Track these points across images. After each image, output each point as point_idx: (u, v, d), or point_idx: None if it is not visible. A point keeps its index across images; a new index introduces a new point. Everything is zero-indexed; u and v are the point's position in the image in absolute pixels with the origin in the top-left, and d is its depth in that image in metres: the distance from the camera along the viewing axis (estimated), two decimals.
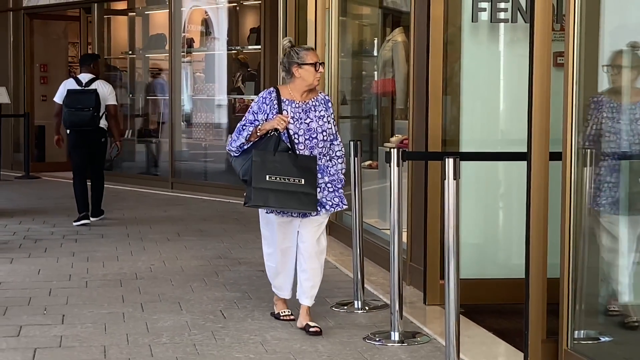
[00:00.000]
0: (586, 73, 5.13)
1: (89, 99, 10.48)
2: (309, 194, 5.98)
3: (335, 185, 6.17)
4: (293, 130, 6.08)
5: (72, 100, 10.49)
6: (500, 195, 7.35)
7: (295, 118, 6.09)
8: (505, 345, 5.95)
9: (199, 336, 6.07)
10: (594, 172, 5.22)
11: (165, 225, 10.81)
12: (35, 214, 11.56)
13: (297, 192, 5.95)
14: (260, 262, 8.37)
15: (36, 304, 6.94)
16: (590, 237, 5.24)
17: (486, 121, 7.27)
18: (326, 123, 6.17)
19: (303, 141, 6.09)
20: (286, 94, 6.17)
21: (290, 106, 6.12)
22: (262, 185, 5.95)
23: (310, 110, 6.15)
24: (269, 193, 5.95)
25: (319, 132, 6.12)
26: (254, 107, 6.18)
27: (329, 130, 6.17)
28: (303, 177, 5.96)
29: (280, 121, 5.99)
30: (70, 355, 5.65)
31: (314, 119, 6.13)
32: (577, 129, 5.10)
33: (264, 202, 6.00)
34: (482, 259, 7.16)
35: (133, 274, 8.01)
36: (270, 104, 6.12)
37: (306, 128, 6.10)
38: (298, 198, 5.95)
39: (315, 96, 6.22)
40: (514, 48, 7.10)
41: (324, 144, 6.15)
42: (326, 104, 6.23)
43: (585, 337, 5.24)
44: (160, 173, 15.14)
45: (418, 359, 5.60)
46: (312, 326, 6.07)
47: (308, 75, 6.11)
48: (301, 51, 6.16)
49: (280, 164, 5.97)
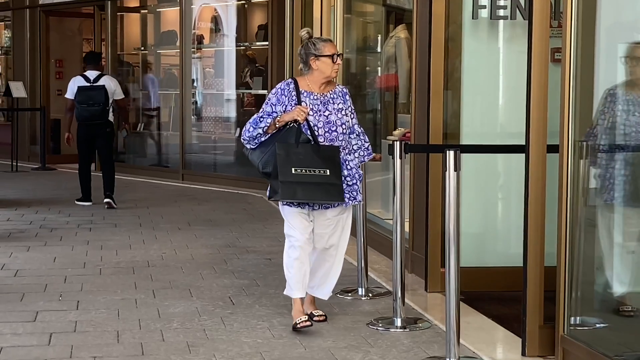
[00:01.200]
0: (582, 68, 5.12)
1: (99, 95, 10.98)
2: (335, 184, 5.76)
3: (353, 178, 5.91)
4: (312, 122, 5.82)
5: (84, 97, 10.96)
6: (499, 186, 7.34)
7: (314, 110, 5.85)
8: (503, 331, 5.95)
9: (209, 322, 6.08)
10: (608, 165, 5.16)
11: (176, 215, 10.82)
12: (51, 204, 11.58)
13: (323, 183, 5.73)
14: (268, 250, 8.39)
15: (52, 290, 6.95)
16: (586, 227, 5.24)
17: (486, 115, 7.26)
18: (344, 116, 5.93)
19: (323, 133, 5.84)
20: (304, 85, 5.92)
21: (309, 98, 5.87)
22: (289, 179, 5.70)
23: (329, 103, 5.91)
24: (297, 186, 5.71)
25: (338, 124, 5.88)
26: (272, 98, 5.90)
27: (347, 123, 5.93)
28: (328, 167, 5.74)
29: (300, 112, 5.75)
30: (85, 339, 5.67)
31: (333, 111, 5.89)
32: (573, 123, 5.09)
33: (292, 196, 5.74)
34: (481, 248, 7.16)
35: (145, 262, 8.02)
36: (288, 95, 5.87)
37: (325, 120, 5.86)
38: (325, 189, 5.73)
39: (333, 88, 5.98)
40: (513, 44, 7.09)
41: (343, 136, 5.90)
42: (344, 97, 5.99)
43: (581, 324, 5.24)
44: (170, 165, 15.14)
45: (419, 344, 5.60)
46: (317, 315, 6.02)
47: (325, 67, 5.87)
48: (319, 42, 5.92)
49: (304, 155, 5.73)
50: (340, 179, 5.78)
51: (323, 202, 5.82)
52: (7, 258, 8.15)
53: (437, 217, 6.88)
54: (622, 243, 5.25)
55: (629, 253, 5.26)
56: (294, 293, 5.89)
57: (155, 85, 15.57)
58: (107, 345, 5.55)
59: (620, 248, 5.25)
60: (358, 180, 5.93)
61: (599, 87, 5.30)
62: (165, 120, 15.84)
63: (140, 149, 16.10)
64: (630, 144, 5.19)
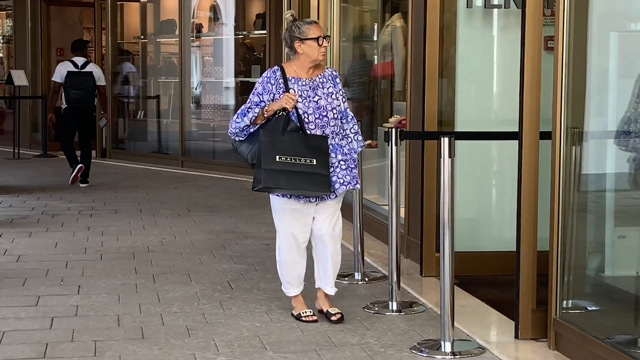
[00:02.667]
0: (575, 56, 5.12)
1: (87, 80, 11.82)
2: (322, 175, 5.42)
3: (348, 164, 5.57)
4: (302, 109, 5.50)
5: (73, 82, 11.75)
6: (493, 172, 7.36)
7: (303, 96, 5.52)
8: (497, 314, 5.96)
9: (208, 306, 6.09)
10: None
11: (175, 201, 10.83)
12: (52, 191, 11.58)
13: (309, 172, 5.38)
14: (266, 236, 8.40)
15: (53, 275, 6.96)
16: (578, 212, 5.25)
17: (480, 102, 7.27)
18: (335, 100, 5.59)
19: (313, 120, 5.51)
20: (291, 71, 5.58)
21: (297, 84, 5.54)
22: (272, 167, 5.37)
23: (318, 88, 5.56)
24: (280, 175, 5.37)
25: (328, 109, 5.55)
26: (258, 87, 5.57)
27: (338, 107, 5.60)
28: (315, 157, 5.41)
29: (288, 100, 5.43)
30: (86, 323, 5.68)
31: (323, 96, 5.55)
32: (566, 110, 5.10)
33: (274, 184, 5.40)
34: (475, 233, 7.17)
35: (145, 247, 8.03)
36: (275, 83, 5.54)
37: (315, 106, 5.52)
38: (311, 179, 5.39)
39: (321, 72, 5.63)
40: (507, 33, 7.09)
41: (335, 122, 5.57)
42: (334, 80, 5.64)
43: (573, 307, 5.25)
44: (170, 152, 15.14)
45: (414, 327, 5.61)
46: (333, 314, 5.67)
47: (311, 51, 5.50)
48: (303, 25, 5.53)
49: (290, 143, 5.40)
50: (327, 169, 5.46)
51: (309, 194, 5.49)
52: (9, 244, 8.16)
53: (432, 202, 6.89)
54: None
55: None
56: (288, 292, 5.75)
57: (133, 72, 15.59)
58: (107, 329, 5.56)
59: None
60: (354, 164, 5.63)
61: (591, 75, 5.30)
62: (164, 108, 15.83)
63: (140, 136, 16.11)
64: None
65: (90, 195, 11.18)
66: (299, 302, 5.73)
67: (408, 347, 5.21)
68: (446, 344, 5.13)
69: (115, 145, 15.94)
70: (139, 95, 16.26)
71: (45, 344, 5.25)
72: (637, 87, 5.00)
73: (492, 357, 5.06)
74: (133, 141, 16.18)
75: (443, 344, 5.14)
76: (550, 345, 5.16)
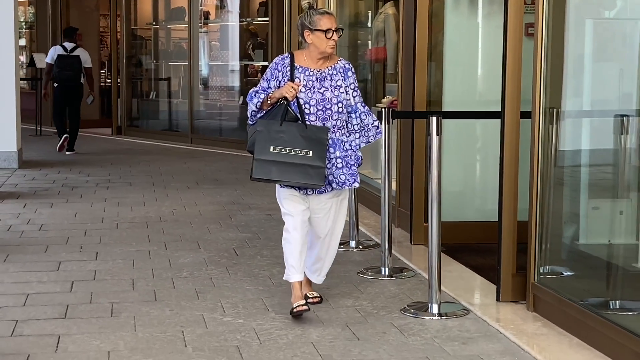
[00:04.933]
0: (553, 42, 5.11)
1: (75, 62, 12.56)
2: (316, 167, 4.89)
3: (347, 160, 5.03)
4: (304, 100, 4.98)
5: (63, 63, 12.51)
6: (477, 149, 7.35)
7: (308, 87, 4.99)
8: (480, 279, 5.98)
9: (215, 271, 6.10)
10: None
11: (185, 175, 10.82)
12: (71, 165, 11.57)
13: (303, 164, 4.87)
14: (268, 207, 8.40)
15: (73, 242, 6.97)
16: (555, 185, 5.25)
17: (466, 84, 7.26)
18: (343, 94, 5.02)
19: (315, 112, 4.98)
20: (301, 60, 5.07)
21: (304, 74, 5.02)
22: (265, 157, 4.90)
23: (326, 79, 5.02)
24: (272, 165, 4.89)
25: (333, 102, 4.99)
26: (267, 73, 5.09)
27: (346, 101, 5.04)
28: (311, 148, 4.89)
29: (289, 89, 4.90)
30: (103, 287, 5.69)
31: (329, 88, 5.00)
32: (544, 91, 5.09)
33: (265, 175, 4.93)
34: (461, 204, 7.18)
35: (157, 217, 8.03)
36: (283, 70, 5.04)
37: (320, 98, 4.98)
38: (304, 171, 4.88)
39: (333, 64, 5.08)
40: (491, 20, 7.07)
41: (339, 115, 5.01)
42: (345, 73, 5.07)
43: (550, 272, 5.27)
44: (180, 129, 15.12)
45: (404, 291, 5.63)
46: (311, 297, 5.27)
47: (319, 42, 4.99)
48: (315, 15, 5.01)
49: (286, 134, 4.91)
50: (323, 162, 4.92)
51: (299, 185, 4.97)
52: (32, 214, 8.16)
53: (421, 176, 6.89)
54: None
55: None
56: (290, 277, 5.11)
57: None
58: (123, 292, 5.58)
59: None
60: (354, 162, 5.08)
61: (568, 59, 5.29)
62: (175, 89, 15.80)
63: (152, 115, 16.09)
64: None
65: (107, 169, 11.18)
66: (296, 295, 5.06)
67: (398, 309, 5.22)
68: (433, 305, 5.14)
69: (130, 123, 15.92)
70: (150, 77, 16.23)
71: (66, 305, 5.27)
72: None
73: (475, 318, 5.08)
74: (146, 119, 16.16)
75: (430, 306, 5.15)
76: (529, 307, 5.18)
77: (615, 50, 5.34)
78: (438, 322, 5.00)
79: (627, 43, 5.21)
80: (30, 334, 4.74)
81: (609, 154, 5.09)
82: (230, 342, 4.61)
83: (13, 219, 7.90)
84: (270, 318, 5.03)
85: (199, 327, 4.86)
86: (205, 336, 4.71)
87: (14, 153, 11.24)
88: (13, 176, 10.55)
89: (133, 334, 4.74)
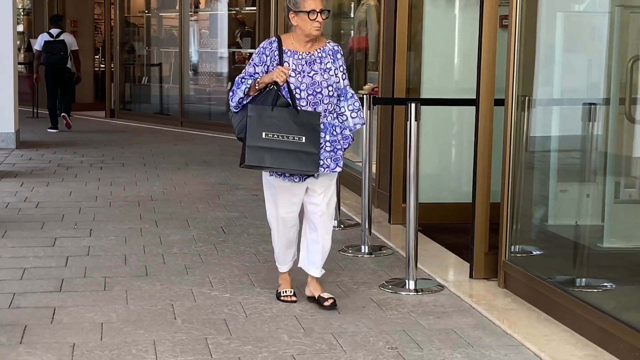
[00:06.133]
0: (526, 33, 5.12)
1: (61, 46, 12.93)
2: (310, 153, 4.55)
3: (334, 145, 4.68)
4: (294, 84, 4.62)
5: (49, 48, 12.91)
6: (453, 134, 7.37)
7: (297, 71, 4.63)
8: (454, 257, 6.01)
9: (204, 248, 6.11)
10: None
11: (175, 156, 10.80)
12: (67, 146, 11.53)
13: (296, 150, 4.53)
14: (255, 187, 8.40)
15: (68, 220, 6.96)
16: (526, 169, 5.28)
17: (443, 73, 7.27)
18: (333, 76, 4.67)
19: (305, 96, 4.62)
20: (289, 44, 4.70)
21: (293, 57, 4.66)
22: (258, 144, 4.54)
23: (315, 62, 4.67)
24: (265, 152, 4.53)
25: (324, 86, 4.64)
26: (255, 58, 4.73)
27: (335, 84, 4.69)
28: (304, 134, 4.55)
29: (279, 73, 4.55)
30: (97, 262, 5.69)
31: (319, 71, 4.65)
32: (517, 80, 5.11)
33: (259, 162, 4.56)
34: (437, 187, 7.20)
35: (149, 197, 8.02)
36: (270, 54, 4.68)
37: (310, 82, 4.63)
38: (298, 157, 4.53)
39: (321, 46, 4.72)
40: (467, 12, 7.07)
41: (329, 99, 4.66)
42: (334, 55, 4.72)
43: (520, 251, 5.30)
44: (171, 113, 15.08)
45: (383, 268, 5.65)
46: (326, 298, 4.79)
47: (304, 25, 4.61)
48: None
49: (279, 120, 4.55)
50: (317, 148, 4.59)
51: (294, 172, 4.62)
52: (29, 192, 8.14)
53: (399, 160, 6.90)
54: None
55: None
56: (279, 267, 4.97)
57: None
58: (116, 267, 5.58)
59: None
60: (343, 147, 4.73)
61: (540, 50, 5.31)
62: (166, 74, 15.74)
63: (144, 99, 16.03)
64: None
65: (101, 150, 11.14)
66: (284, 280, 4.98)
67: (377, 285, 5.25)
68: (410, 282, 5.17)
69: (123, 107, 15.84)
70: (143, 63, 16.16)
71: (61, 279, 5.27)
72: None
73: (449, 294, 5.11)
74: (138, 103, 16.09)
75: (407, 282, 5.18)
76: (500, 284, 5.21)
77: (584, 42, 5.36)
78: (414, 297, 5.03)
79: (595, 35, 5.24)
80: (27, 306, 4.74)
81: (577, 140, 5.13)
82: (218, 315, 4.63)
83: (11, 197, 7.87)
84: (256, 293, 5.05)
85: (188, 301, 4.87)
86: (193, 309, 4.73)
87: (12, 134, 11.19)
88: (11, 156, 10.50)
89: (125, 307, 4.75)
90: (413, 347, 4.19)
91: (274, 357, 4.03)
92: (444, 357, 4.07)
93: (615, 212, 4.94)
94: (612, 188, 4.94)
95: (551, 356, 4.09)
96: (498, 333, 4.44)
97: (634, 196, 4.96)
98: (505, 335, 4.41)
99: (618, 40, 4.89)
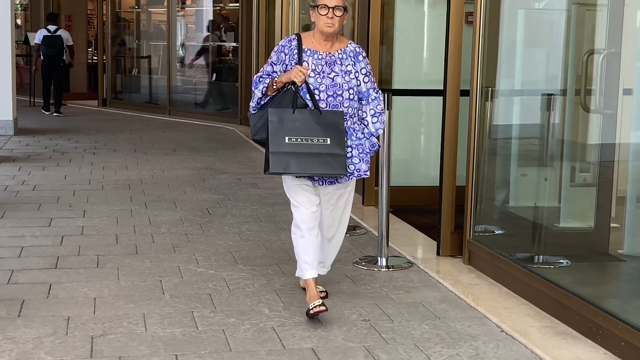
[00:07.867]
0: (490, 29, 5.13)
1: (58, 41, 13.48)
2: (337, 155, 4.06)
3: (361, 150, 4.22)
4: (313, 85, 4.12)
5: (48, 42, 13.44)
6: (422, 122, 7.39)
7: (316, 71, 4.15)
8: (423, 236, 6.02)
9: (190, 228, 6.09)
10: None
11: (163, 143, 10.75)
12: (62, 133, 11.44)
13: (322, 153, 4.04)
14: (238, 172, 8.39)
15: (63, 201, 6.92)
16: (489, 155, 5.30)
17: (413, 65, 7.27)
18: (353, 79, 4.18)
19: (325, 98, 4.13)
20: (309, 42, 4.22)
21: (312, 57, 4.17)
22: (282, 149, 4.03)
23: (335, 63, 4.18)
24: (290, 157, 4.03)
25: (345, 88, 4.15)
26: (273, 56, 4.25)
27: (356, 87, 4.20)
28: (328, 135, 4.05)
29: (298, 73, 4.06)
30: (90, 241, 5.67)
31: (340, 73, 4.16)
32: (481, 72, 5.12)
33: (284, 169, 4.05)
34: (407, 171, 7.22)
35: (139, 180, 7.99)
36: (289, 53, 4.20)
37: (330, 83, 4.14)
38: (324, 160, 4.04)
39: (342, 47, 4.22)
40: (436, 8, 7.07)
41: (349, 102, 4.16)
42: (355, 57, 4.22)
43: (483, 231, 5.32)
44: (159, 102, 15.01)
45: (357, 246, 5.66)
46: (319, 290, 4.39)
47: (317, 20, 4.16)
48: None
49: (301, 122, 4.06)
50: (343, 149, 4.09)
51: (322, 176, 4.16)
52: (26, 175, 8.08)
53: None
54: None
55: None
56: (303, 274, 4.28)
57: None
58: (108, 245, 5.56)
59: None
60: (370, 152, 4.25)
61: (502, 44, 5.32)
62: (155, 66, 15.66)
63: (134, 89, 15.94)
64: None
65: (93, 137, 11.07)
66: (311, 294, 4.18)
67: (352, 262, 5.26)
68: (382, 259, 5.19)
69: (114, 96, 15.76)
70: (133, 55, 16.06)
71: (57, 257, 5.24)
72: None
73: (418, 270, 5.13)
74: (129, 93, 15.99)
75: (379, 259, 5.19)
76: (465, 261, 5.24)
77: (543, 37, 5.38)
78: (386, 273, 5.05)
79: (553, 31, 5.26)
80: (24, 282, 4.72)
81: (536, 128, 5.15)
82: (203, 290, 4.62)
83: (9, 180, 7.81)
84: (239, 269, 5.05)
85: (176, 277, 4.86)
86: (181, 285, 4.72)
87: (10, 121, 11.10)
88: (9, 142, 10.41)
89: (116, 283, 4.73)
90: (384, 319, 4.20)
91: (255, 329, 4.03)
92: (413, 329, 4.09)
93: (570, 194, 4.98)
94: (568, 172, 4.97)
95: (512, 327, 4.12)
96: (463, 306, 4.46)
97: (588, 180, 5.00)
98: (470, 308, 4.43)
99: (574, 36, 4.92)
